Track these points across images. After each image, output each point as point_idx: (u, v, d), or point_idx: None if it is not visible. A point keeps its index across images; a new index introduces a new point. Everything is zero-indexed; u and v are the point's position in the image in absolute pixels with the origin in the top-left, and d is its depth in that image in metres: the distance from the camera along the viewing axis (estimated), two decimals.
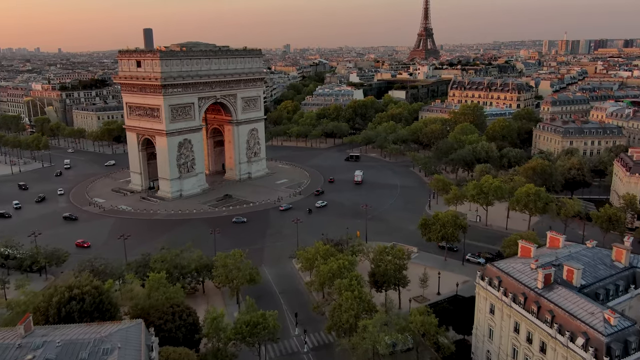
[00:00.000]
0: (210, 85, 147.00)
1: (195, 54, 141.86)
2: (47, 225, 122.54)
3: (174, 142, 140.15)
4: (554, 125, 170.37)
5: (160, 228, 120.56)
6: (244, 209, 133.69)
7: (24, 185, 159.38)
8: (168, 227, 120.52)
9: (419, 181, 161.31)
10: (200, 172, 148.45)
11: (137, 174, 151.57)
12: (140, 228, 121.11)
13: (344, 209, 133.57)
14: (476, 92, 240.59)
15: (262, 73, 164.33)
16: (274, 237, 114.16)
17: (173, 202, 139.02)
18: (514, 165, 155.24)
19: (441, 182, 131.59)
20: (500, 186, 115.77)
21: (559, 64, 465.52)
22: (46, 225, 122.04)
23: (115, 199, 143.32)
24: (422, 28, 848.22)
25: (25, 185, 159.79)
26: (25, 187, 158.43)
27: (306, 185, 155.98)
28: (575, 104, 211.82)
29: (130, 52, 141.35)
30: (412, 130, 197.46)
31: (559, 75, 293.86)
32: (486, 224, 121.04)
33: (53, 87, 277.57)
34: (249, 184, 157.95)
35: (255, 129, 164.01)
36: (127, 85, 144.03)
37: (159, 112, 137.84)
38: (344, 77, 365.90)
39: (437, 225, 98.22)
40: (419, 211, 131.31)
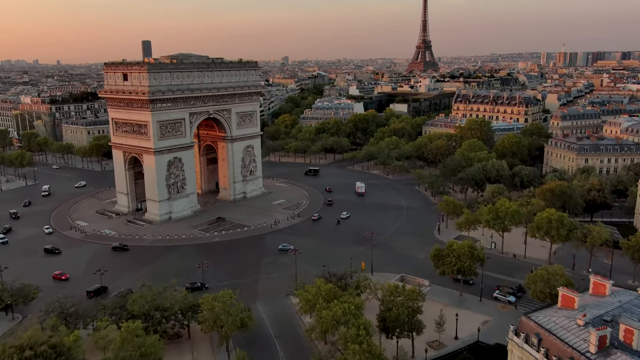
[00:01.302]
0: (202, 100, 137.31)
1: (187, 67, 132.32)
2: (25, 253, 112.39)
3: (163, 161, 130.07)
4: (568, 142, 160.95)
5: (145, 256, 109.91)
6: (238, 233, 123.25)
7: (15, 214, 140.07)
8: (154, 255, 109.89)
9: (426, 201, 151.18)
10: (191, 192, 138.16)
11: (124, 195, 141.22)
12: (123, 256, 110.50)
13: (346, 234, 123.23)
14: (481, 106, 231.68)
15: (258, 86, 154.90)
16: (270, 267, 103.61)
17: (161, 226, 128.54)
18: (527, 184, 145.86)
19: (451, 204, 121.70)
20: (517, 211, 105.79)
21: (561, 76, 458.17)
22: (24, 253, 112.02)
23: (99, 222, 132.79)
24: (421, 40, 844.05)
25: (16, 214, 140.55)
26: (16, 216, 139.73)
27: (305, 206, 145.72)
28: (586, 119, 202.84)
29: (116, 64, 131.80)
30: (416, 146, 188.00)
31: (565, 88, 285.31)
32: (502, 251, 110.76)
33: (43, 101, 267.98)
34: (244, 205, 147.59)
35: (250, 146, 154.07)
36: (113, 99, 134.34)
37: (147, 128, 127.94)
38: (343, 90, 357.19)
39: (452, 258, 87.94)
40: (427, 236, 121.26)
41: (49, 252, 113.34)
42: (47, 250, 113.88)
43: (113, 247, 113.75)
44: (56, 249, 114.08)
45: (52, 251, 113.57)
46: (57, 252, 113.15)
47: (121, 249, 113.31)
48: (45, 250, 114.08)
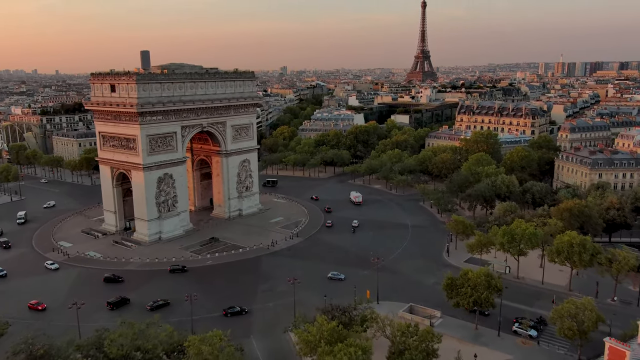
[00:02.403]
0: (195, 112, 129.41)
1: (179, 77, 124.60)
2: None
3: (153, 177, 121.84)
4: (580, 156, 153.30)
5: (130, 283, 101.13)
6: (232, 256, 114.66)
7: (6, 244, 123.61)
8: (139, 282, 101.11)
9: (432, 219, 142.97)
10: (183, 210, 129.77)
11: (111, 213, 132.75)
12: (105, 284, 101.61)
13: (348, 256, 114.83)
14: (486, 117, 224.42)
15: (255, 98, 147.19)
16: (267, 296, 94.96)
17: (150, 247, 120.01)
18: (539, 201, 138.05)
19: (461, 224, 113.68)
20: (534, 233, 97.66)
21: (563, 86, 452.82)
22: None
23: (84, 243, 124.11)
24: (419, 50, 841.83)
25: (7, 243, 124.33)
26: (7, 245, 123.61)
27: (304, 224, 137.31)
28: (595, 131, 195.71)
29: (103, 74, 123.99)
30: (420, 160, 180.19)
31: (570, 99, 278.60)
32: (517, 276, 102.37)
33: (33, 112, 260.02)
34: (240, 223, 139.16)
35: (247, 160, 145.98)
36: (99, 112, 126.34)
37: (135, 143, 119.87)
38: (343, 100, 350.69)
39: (467, 288, 79.58)
40: (436, 259, 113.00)
41: (110, 281, 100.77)
42: (108, 279, 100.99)
43: (105, 278, 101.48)
44: (119, 277, 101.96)
45: (115, 279, 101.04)
46: (120, 280, 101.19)
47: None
48: (106, 279, 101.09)
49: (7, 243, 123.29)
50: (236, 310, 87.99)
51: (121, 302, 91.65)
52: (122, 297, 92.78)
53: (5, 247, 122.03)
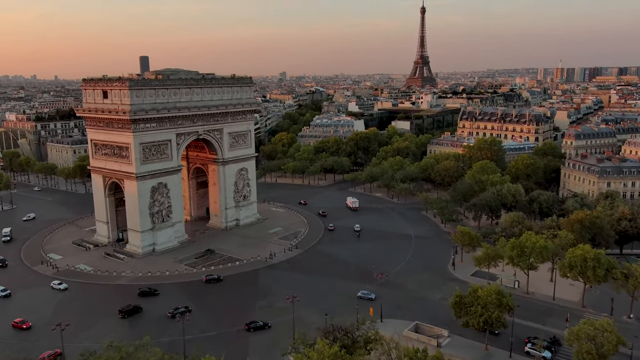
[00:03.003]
0: (191, 119, 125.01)
1: (173, 83, 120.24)
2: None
3: (146, 187, 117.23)
4: (587, 164, 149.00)
5: (120, 298, 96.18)
6: (228, 269, 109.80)
7: (3, 262, 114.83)
8: (130, 298, 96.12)
9: (435, 229, 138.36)
10: (177, 221, 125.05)
11: (104, 224, 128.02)
12: (95, 299, 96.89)
13: (349, 269, 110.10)
14: (489, 124, 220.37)
15: (253, 104, 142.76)
16: (265, 313, 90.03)
17: (143, 260, 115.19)
18: (546, 211, 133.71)
19: (466, 235, 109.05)
20: (545, 246, 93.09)
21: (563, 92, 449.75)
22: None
23: (74, 255, 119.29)
24: (419, 56, 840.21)
25: (4, 261, 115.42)
26: (4, 264, 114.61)
27: (304, 235, 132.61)
28: (601, 138, 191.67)
29: (95, 80, 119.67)
30: (422, 167, 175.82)
31: (574, 105, 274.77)
32: (527, 291, 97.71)
33: (28, 118, 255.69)
34: (237, 234, 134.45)
35: (244, 169, 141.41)
36: (92, 119, 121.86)
37: (128, 151, 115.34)
38: (342, 106, 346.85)
39: (477, 307, 74.92)
40: (441, 272, 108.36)
41: (145, 295, 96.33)
42: (143, 293, 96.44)
43: (141, 292, 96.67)
44: (155, 290, 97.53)
45: (151, 293, 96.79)
46: (155, 293, 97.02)
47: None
48: (141, 293, 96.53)
49: (4, 262, 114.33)
50: (259, 324, 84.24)
51: (133, 310, 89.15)
52: (134, 306, 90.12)
53: (2, 266, 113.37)
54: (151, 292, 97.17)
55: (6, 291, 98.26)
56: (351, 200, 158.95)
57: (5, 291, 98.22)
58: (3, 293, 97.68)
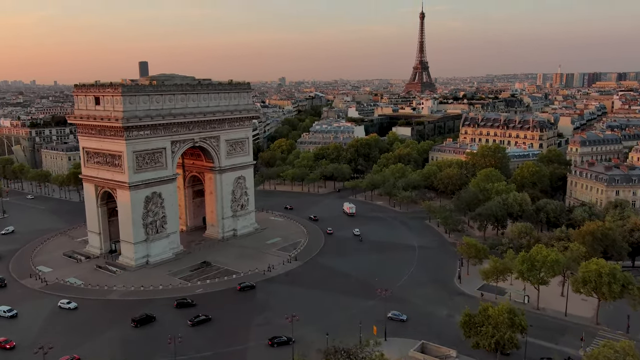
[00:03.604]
0: (186, 126, 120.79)
1: (168, 89, 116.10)
2: None
3: (140, 197, 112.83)
4: (595, 171, 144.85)
5: (110, 316, 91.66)
6: (225, 282, 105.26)
7: (2, 281, 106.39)
8: (120, 315, 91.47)
9: (439, 239, 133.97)
10: (173, 231, 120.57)
11: (96, 235, 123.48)
12: (83, 317, 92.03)
13: (351, 283, 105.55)
14: (491, 130, 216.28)
15: (250, 110, 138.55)
16: (262, 331, 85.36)
17: (136, 273, 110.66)
18: (553, 220, 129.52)
19: (473, 247, 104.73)
20: (557, 260, 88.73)
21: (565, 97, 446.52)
22: None
23: (64, 268, 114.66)
24: (418, 61, 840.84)
25: (3, 280, 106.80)
26: (3, 283, 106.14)
27: (303, 246, 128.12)
28: (606, 144, 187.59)
29: (87, 86, 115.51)
30: (425, 175, 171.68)
31: (577, 110, 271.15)
32: (537, 307, 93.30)
33: (23, 124, 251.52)
34: (234, 245, 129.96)
35: (242, 177, 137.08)
36: (83, 126, 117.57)
37: (121, 159, 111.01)
38: (342, 112, 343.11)
39: (488, 327, 70.49)
40: (447, 286, 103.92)
41: (183, 306, 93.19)
42: (180, 304, 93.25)
43: (178, 303, 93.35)
44: (192, 301, 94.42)
45: (189, 304, 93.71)
46: (193, 304, 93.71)
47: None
48: (179, 304, 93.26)
49: (3, 281, 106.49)
50: (283, 340, 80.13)
51: (146, 319, 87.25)
52: (147, 315, 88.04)
53: (2, 286, 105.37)
54: (189, 304, 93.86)
55: (12, 311, 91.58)
56: (348, 206, 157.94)
57: (11, 311, 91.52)
58: (10, 313, 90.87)
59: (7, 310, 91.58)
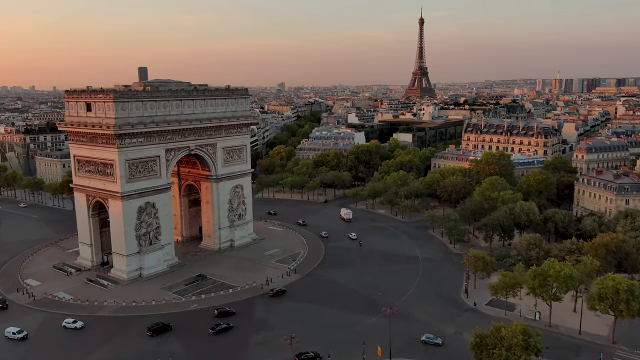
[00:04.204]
0: (181, 134, 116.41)
1: (163, 95, 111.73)
2: None
3: (132, 207, 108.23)
4: (603, 180, 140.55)
5: (98, 334, 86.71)
6: (221, 297, 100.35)
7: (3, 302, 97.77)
8: (110, 334, 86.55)
9: (444, 251, 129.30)
10: (167, 243, 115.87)
11: (87, 246, 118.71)
12: (70, 335, 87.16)
13: (352, 297, 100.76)
14: (494, 136, 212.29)
15: (248, 117, 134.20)
16: (260, 351, 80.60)
17: (128, 286, 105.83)
18: (562, 231, 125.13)
19: (480, 260, 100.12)
20: (571, 275, 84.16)
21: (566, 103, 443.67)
22: None
23: (54, 281, 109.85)
24: (417, 67, 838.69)
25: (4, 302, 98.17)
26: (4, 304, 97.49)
27: (303, 257, 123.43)
28: (613, 151, 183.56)
29: (78, 92, 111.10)
30: (428, 183, 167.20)
31: (580, 116, 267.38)
32: (549, 323, 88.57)
33: (17, 130, 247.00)
34: (231, 256, 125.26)
35: (239, 186, 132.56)
36: (74, 133, 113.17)
37: (113, 168, 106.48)
38: (342, 117, 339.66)
39: (501, 350, 65.84)
40: (453, 301, 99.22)
41: (223, 315, 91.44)
42: (221, 314, 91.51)
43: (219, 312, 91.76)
44: (231, 310, 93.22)
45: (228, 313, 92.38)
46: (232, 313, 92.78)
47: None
48: (220, 313, 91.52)
49: (4, 302, 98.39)
50: (310, 356, 76.15)
51: (162, 328, 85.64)
52: (162, 324, 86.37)
53: (3, 307, 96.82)
54: (230, 312, 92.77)
55: (22, 332, 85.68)
56: (345, 212, 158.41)
57: (21, 332, 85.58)
58: (20, 335, 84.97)
59: (17, 331, 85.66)
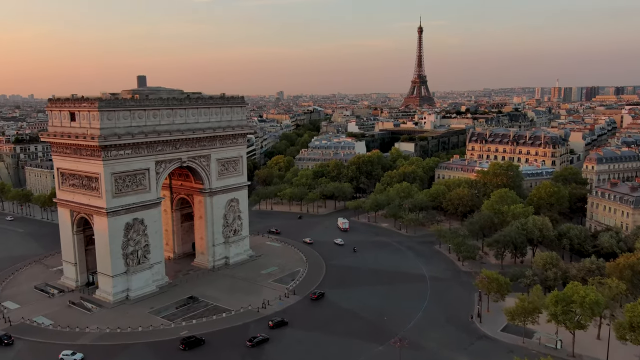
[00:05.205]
0: (173, 145, 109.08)
1: (152, 103, 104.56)
2: None
3: (119, 224, 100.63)
4: (619, 192, 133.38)
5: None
6: (214, 323, 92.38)
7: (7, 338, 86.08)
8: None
9: (452, 268, 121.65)
10: (157, 262, 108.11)
11: (71, 265, 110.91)
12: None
13: (356, 322, 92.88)
14: (500, 146, 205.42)
15: (245, 127, 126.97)
16: None
17: (114, 310, 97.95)
18: (577, 247, 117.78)
19: (494, 282, 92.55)
20: (597, 301, 76.61)
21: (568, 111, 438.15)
22: None
23: (34, 304, 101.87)
24: (416, 75, 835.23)
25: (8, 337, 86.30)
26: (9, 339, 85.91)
27: (302, 276, 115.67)
28: (624, 162, 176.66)
29: (62, 100, 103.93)
30: (433, 195, 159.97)
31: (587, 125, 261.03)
32: (572, 353, 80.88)
33: (7, 140, 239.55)
34: (226, 275, 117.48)
35: (235, 199, 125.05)
36: (57, 145, 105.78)
37: (98, 182, 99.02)
38: (342, 126, 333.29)
39: None
40: (465, 326, 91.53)
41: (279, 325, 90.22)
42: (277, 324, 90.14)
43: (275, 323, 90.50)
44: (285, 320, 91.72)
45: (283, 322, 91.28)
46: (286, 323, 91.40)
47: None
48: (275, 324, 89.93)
49: (10, 338, 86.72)
50: None
51: (195, 342, 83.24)
52: (195, 337, 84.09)
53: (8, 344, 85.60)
54: (283, 322, 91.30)
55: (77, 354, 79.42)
56: (341, 222, 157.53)
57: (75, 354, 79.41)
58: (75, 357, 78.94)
59: (71, 353, 79.86)
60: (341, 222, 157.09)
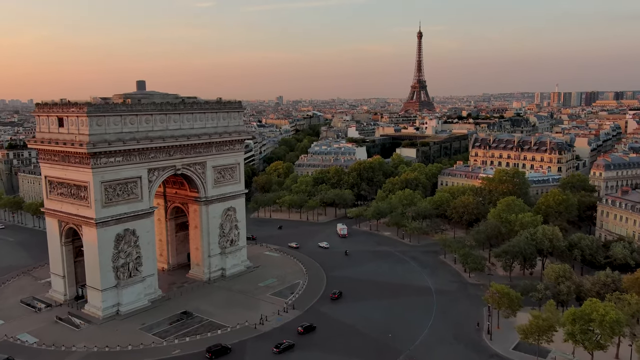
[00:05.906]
0: (166, 152, 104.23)
1: (145, 108, 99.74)
2: None
3: (109, 235, 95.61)
4: (630, 201, 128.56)
5: None
6: (208, 340, 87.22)
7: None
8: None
9: (458, 280, 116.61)
10: (149, 274, 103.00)
11: (59, 278, 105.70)
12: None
13: (359, 340, 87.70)
14: (504, 152, 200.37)
15: (242, 132, 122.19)
16: None
17: (103, 327, 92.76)
18: (589, 258, 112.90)
19: (505, 296, 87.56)
20: (618, 320, 71.62)
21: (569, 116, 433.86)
22: None
23: (19, 320, 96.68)
24: (416, 80, 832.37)
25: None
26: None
27: (302, 289, 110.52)
28: (632, 168, 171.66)
29: (50, 105, 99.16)
30: (436, 203, 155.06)
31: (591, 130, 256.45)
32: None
33: (0, 145, 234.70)
34: (222, 288, 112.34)
35: (231, 208, 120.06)
36: (45, 151, 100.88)
37: (87, 191, 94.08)
38: (342, 131, 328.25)
39: None
40: (475, 344, 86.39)
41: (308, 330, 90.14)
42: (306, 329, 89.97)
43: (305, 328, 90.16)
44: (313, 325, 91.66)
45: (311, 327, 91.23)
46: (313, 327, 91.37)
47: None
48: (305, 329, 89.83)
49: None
50: None
51: (221, 351, 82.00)
52: (222, 346, 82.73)
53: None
54: (312, 327, 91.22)
55: None
56: (340, 227, 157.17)
57: None
58: None
59: None
60: (340, 228, 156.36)
